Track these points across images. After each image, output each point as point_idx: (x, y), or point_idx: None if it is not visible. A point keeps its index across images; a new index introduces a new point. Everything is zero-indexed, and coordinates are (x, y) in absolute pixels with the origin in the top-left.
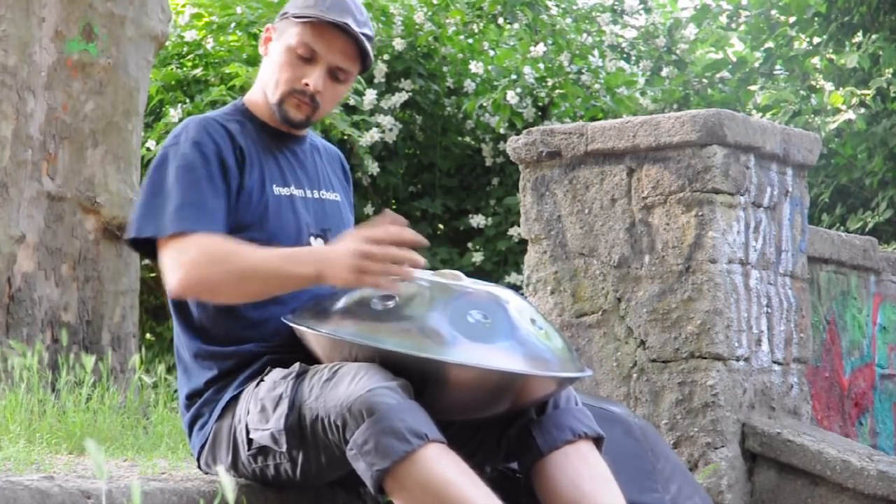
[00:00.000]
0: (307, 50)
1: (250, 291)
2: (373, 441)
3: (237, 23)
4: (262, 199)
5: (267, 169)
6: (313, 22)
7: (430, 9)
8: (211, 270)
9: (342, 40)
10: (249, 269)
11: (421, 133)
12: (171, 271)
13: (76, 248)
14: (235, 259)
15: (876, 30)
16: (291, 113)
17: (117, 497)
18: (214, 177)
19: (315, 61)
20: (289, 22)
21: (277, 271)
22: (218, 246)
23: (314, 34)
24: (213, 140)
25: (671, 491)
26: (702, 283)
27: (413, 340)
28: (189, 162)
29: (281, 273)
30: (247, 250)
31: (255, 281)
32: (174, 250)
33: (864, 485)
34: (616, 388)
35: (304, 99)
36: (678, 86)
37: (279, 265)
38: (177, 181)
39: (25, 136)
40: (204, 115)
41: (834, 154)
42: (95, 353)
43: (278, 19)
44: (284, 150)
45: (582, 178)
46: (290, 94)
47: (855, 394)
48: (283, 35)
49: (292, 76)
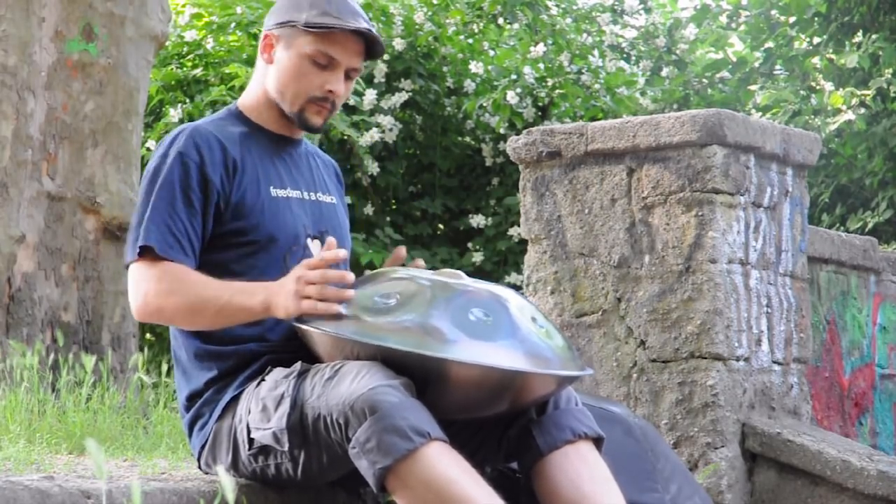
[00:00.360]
0: (325, 58)
1: (204, 322)
2: (375, 439)
3: (237, 23)
4: (259, 201)
5: (263, 172)
6: (333, 31)
7: (430, 9)
8: (167, 302)
9: (355, 42)
10: (202, 301)
11: (421, 133)
12: (133, 297)
13: (76, 248)
14: (190, 291)
15: (876, 30)
16: (312, 120)
17: (117, 497)
18: (193, 193)
19: (333, 67)
20: (297, 31)
21: (227, 304)
22: (175, 277)
23: (331, 42)
24: (199, 153)
25: (671, 491)
26: (702, 283)
27: (415, 338)
28: (170, 178)
29: (231, 305)
30: (202, 283)
31: (208, 313)
32: (138, 275)
33: (864, 485)
34: (616, 388)
35: (325, 105)
36: (678, 86)
37: (230, 298)
38: (154, 201)
39: (25, 136)
40: (197, 124)
41: (834, 154)
42: (95, 353)
43: (279, 26)
44: (281, 154)
45: (582, 178)
46: (312, 102)
47: (855, 394)
48: (294, 43)
49: (312, 85)
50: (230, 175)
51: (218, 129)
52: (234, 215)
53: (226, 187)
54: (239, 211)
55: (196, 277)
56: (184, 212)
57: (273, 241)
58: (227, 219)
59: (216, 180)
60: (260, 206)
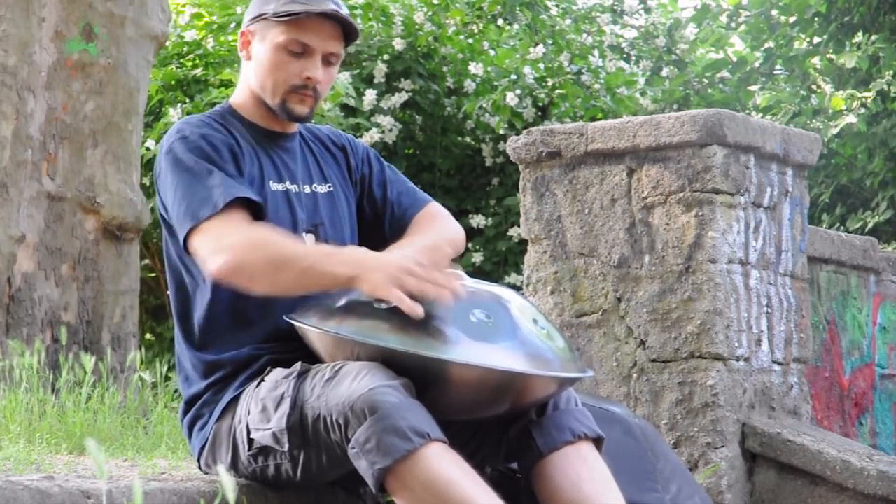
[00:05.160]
0: (298, 45)
1: (285, 282)
2: (374, 439)
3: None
4: (262, 196)
5: (263, 165)
6: (300, 17)
7: (430, 9)
8: (251, 256)
9: (329, 26)
10: (288, 259)
11: (421, 133)
12: (211, 255)
13: (76, 248)
14: (276, 247)
15: (876, 30)
16: (297, 109)
17: (117, 497)
18: (227, 164)
19: (309, 54)
20: (268, 22)
21: (314, 266)
22: (260, 232)
23: (302, 28)
24: (217, 133)
25: (671, 491)
26: (702, 283)
27: (415, 339)
28: (203, 152)
29: (317, 269)
30: (289, 240)
31: (292, 272)
32: (215, 232)
33: (864, 485)
34: (616, 388)
35: (306, 92)
36: (678, 86)
37: (318, 260)
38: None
39: (25, 136)
40: (197, 115)
41: (834, 154)
42: (95, 353)
43: (252, 21)
44: (276, 148)
45: (582, 178)
46: (292, 92)
47: (855, 394)
48: (267, 35)
49: (290, 74)
50: (236, 158)
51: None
52: None
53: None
54: None
55: (281, 234)
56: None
57: None
58: None
59: (238, 154)
60: (262, 201)
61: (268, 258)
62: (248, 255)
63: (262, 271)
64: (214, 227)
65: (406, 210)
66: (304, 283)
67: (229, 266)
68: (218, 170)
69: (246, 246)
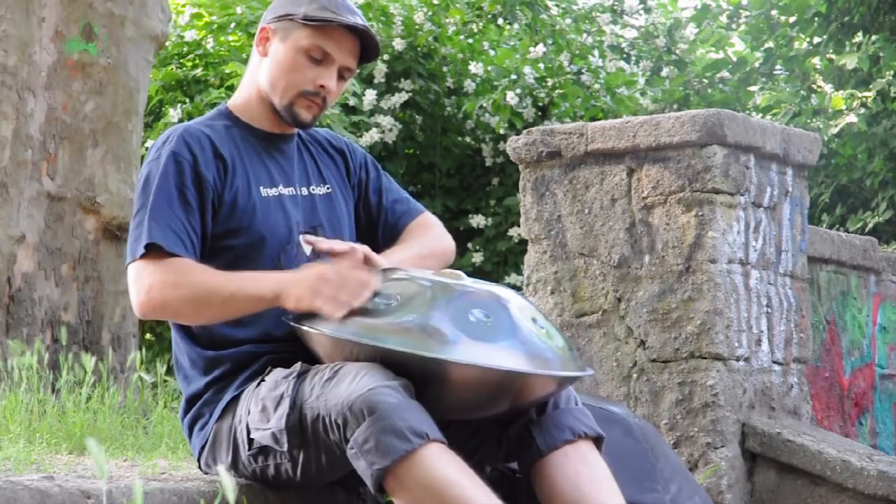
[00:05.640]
0: (320, 52)
1: (211, 313)
2: (373, 440)
3: (237, 23)
4: (250, 203)
5: (252, 172)
6: (329, 25)
7: (430, 9)
8: (173, 294)
9: (351, 41)
10: (209, 292)
11: (421, 133)
12: (135, 293)
13: (76, 248)
14: (195, 282)
15: (876, 30)
16: (302, 115)
17: (117, 497)
18: (189, 191)
19: (327, 63)
20: (294, 24)
21: (237, 293)
22: (180, 270)
23: (327, 37)
24: (191, 152)
25: (671, 491)
26: (702, 283)
27: (415, 339)
28: (165, 178)
29: (241, 294)
30: (207, 273)
31: (215, 303)
32: (140, 271)
33: (864, 485)
34: (616, 388)
35: (316, 100)
36: (678, 86)
37: (240, 287)
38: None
39: (25, 136)
40: (187, 125)
41: (834, 154)
42: (95, 353)
43: (276, 19)
44: (272, 151)
45: (582, 178)
46: (302, 96)
47: (855, 394)
48: (290, 36)
49: (304, 78)
50: (222, 174)
51: (209, 129)
52: (226, 215)
53: (219, 186)
54: (231, 211)
55: (201, 268)
56: (182, 210)
57: (264, 241)
58: (220, 219)
59: (210, 178)
60: (251, 208)
61: (188, 294)
62: (169, 294)
63: (185, 307)
64: (139, 267)
65: (399, 218)
66: (230, 311)
67: (151, 306)
68: (176, 200)
69: (164, 285)
